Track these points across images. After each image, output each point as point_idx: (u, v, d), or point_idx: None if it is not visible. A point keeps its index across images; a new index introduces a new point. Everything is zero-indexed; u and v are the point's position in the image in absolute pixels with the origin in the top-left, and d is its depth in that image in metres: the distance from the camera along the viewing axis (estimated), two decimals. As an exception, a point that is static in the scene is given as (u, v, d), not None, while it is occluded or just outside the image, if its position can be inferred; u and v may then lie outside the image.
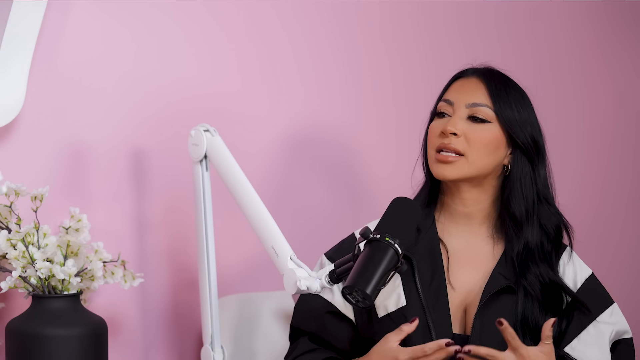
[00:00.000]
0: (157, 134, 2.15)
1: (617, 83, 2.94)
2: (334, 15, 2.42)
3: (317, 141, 2.40)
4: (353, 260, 1.61)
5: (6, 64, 1.91)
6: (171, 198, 2.16)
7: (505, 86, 1.82)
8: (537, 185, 1.81)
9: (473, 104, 1.79)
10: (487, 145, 1.78)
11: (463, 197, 1.83)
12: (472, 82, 1.82)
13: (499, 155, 1.80)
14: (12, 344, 1.81)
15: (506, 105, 1.79)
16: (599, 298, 1.83)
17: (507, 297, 1.77)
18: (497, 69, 1.87)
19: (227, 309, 2.10)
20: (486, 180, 1.82)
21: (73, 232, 1.85)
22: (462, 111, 1.80)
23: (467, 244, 1.84)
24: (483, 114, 1.79)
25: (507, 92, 1.81)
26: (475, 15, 2.66)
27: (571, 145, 2.85)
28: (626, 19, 2.96)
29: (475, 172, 1.79)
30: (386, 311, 1.79)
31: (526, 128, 1.80)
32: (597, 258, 2.12)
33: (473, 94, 1.80)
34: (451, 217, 1.85)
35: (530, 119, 1.81)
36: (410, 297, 1.78)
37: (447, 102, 1.82)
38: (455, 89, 1.83)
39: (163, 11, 2.16)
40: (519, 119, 1.80)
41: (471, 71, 1.85)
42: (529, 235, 1.80)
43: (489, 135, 1.78)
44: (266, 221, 1.75)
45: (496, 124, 1.79)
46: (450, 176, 1.79)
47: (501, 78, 1.83)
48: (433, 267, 1.80)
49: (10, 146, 1.98)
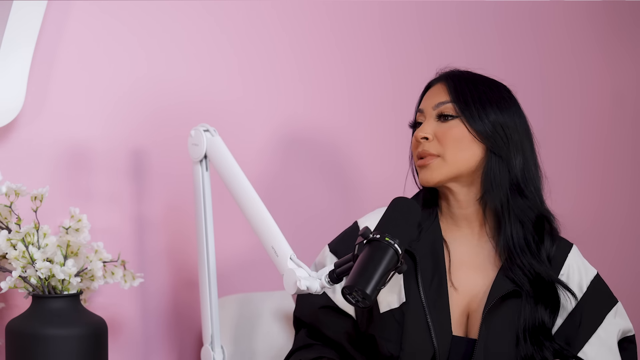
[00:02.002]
0: (157, 134, 2.15)
1: (617, 83, 2.94)
2: (334, 15, 2.42)
3: (317, 141, 2.40)
4: (353, 260, 1.61)
5: (6, 64, 1.91)
6: (171, 198, 2.16)
7: (467, 81, 1.83)
8: (511, 176, 1.80)
9: (438, 104, 1.82)
10: (459, 141, 1.79)
11: (457, 199, 1.83)
12: (437, 87, 1.85)
13: (476, 149, 1.80)
14: (12, 344, 1.81)
15: (466, 98, 1.80)
16: (605, 298, 1.83)
17: (513, 301, 1.77)
18: (461, 69, 1.87)
19: (227, 309, 2.10)
20: (474, 177, 1.82)
21: (73, 232, 1.85)
22: (431, 114, 1.83)
23: (469, 247, 1.83)
24: (448, 110, 1.81)
25: (468, 86, 1.82)
26: (475, 15, 2.66)
27: (570, 144, 2.85)
28: (626, 19, 2.96)
29: (456, 170, 1.80)
30: (388, 307, 1.80)
31: (488, 117, 1.79)
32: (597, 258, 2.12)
33: (437, 95, 1.83)
34: (453, 221, 1.86)
35: (498, 107, 1.80)
36: (410, 294, 1.79)
37: (420, 112, 1.86)
38: (425, 98, 1.87)
39: (163, 11, 2.16)
40: (481, 109, 1.79)
41: (437, 78, 1.88)
42: (508, 230, 1.79)
43: (458, 131, 1.79)
44: (266, 221, 1.75)
45: (461, 118, 1.80)
46: (432, 180, 1.80)
47: (462, 76, 1.85)
48: (435, 265, 1.80)
49: (10, 146, 1.98)
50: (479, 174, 1.82)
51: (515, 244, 1.79)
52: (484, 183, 1.81)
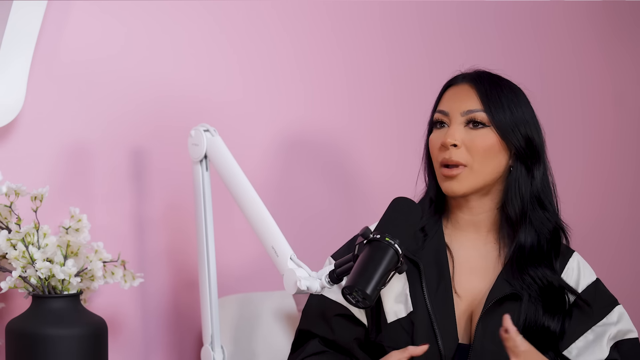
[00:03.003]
0: (157, 134, 2.14)
1: (617, 83, 2.94)
2: (335, 15, 2.42)
3: (318, 141, 2.40)
4: (353, 260, 1.61)
5: (6, 64, 1.91)
6: (171, 198, 2.16)
7: (497, 87, 1.80)
8: (532, 188, 1.80)
9: (468, 111, 1.78)
10: (488, 151, 1.77)
11: (471, 206, 1.82)
12: (463, 89, 1.81)
13: (502, 158, 1.79)
14: (12, 344, 1.81)
15: (498, 108, 1.78)
16: (599, 305, 1.81)
17: (511, 303, 1.76)
18: (486, 71, 1.85)
19: (227, 309, 2.10)
20: (494, 186, 1.81)
21: (73, 232, 1.85)
22: (458, 119, 1.78)
23: (474, 252, 1.83)
24: (480, 118, 1.78)
25: (499, 94, 1.79)
26: (476, 16, 2.66)
27: (571, 145, 2.85)
28: (626, 19, 2.96)
29: (482, 181, 1.78)
30: (395, 317, 1.79)
31: (519, 129, 1.78)
32: (598, 258, 2.12)
33: (466, 101, 1.79)
34: (458, 225, 1.84)
35: (524, 117, 1.80)
36: (416, 303, 1.78)
37: (443, 113, 1.81)
38: (448, 98, 1.82)
39: (163, 11, 2.16)
40: (512, 120, 1.78)
41: (461, 77, 1.84)
42: (522, 238, 1.79)
43: (488, 141, 1.77)
44: (266, 221, 1.74)
45: (492, 127, 1.78)
46: (459, 192, 1.78)
47: (491, 80, 1.82)
48: (439, 273, 1.80)
49: (10, 146, 1.98)
50: (501, 182, 1.81)
51: (528, 252, 1.79)
52: (507, 192, 1.80)
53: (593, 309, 1.79)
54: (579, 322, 1.79)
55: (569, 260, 1.83)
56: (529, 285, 1.77)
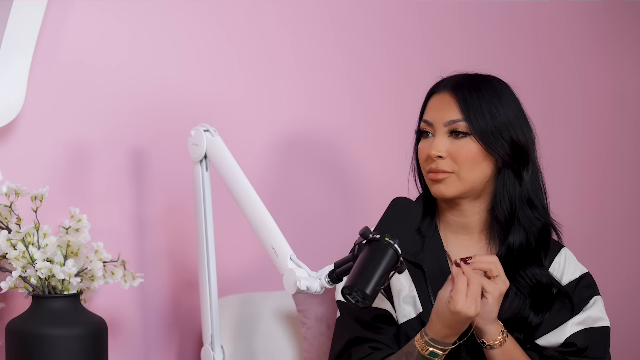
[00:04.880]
0: (157, 134, 2.15)
1: (617, 83, 2.94)
2: (335, 15, 2.42)
3: (318, 141, 2.40)
4: (353, 260, 1.61)
5: (6, 64, 1.91)
6: (171, 198, 2.16)
7: (477, 92, 1.80)
8: (522, 189, 1.81)
9: (450, 122, 1.79)
10: (473, 160, 1.79)
11: (462, 209, 1.85)
12: (445, 99, 1.82)
13: (488, 164, 1.81)
14: (12, 344, 1.81)
15: (478, 116, 1.78)
16: (579, 299, 1.82)
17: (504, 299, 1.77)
18: (468, 74, 1.85)
19: (227, 309, 2.10)
20: (484, 190, 1.83)
21: (73, 232, 1.85)
22: (441, 130, 1.80)
23: (467, 252, 1.84)
24: (462, 128, 1.79)
25: (479, 99, 1.79)
26: (477, 15, 2.66)
27: (570, 145, 2.85)
28: (626, 19, 2.96)
29: (470, 187, 1.80)
30: (405, 318, 1.81)
31: (502, 134, 1.78)
32: (597, 258, 2.12)
33: (447, 110, 1.80)
34: (450, 227, 1.87)
35: (507, 119, 1.80)
36: (425, 303, 1.80)
37: (427, 123, 1.83)
38: (432, 107, 1.84)
39: (163, 11, 2.16)
40: (493, 127, 1.78)
41: (442, 85, 1.85)
42: (511, 239, 1.80)
43: (472, 150, 1.79)
44: (266, 221, 1.74)
45: (474, 136, 1.79)
46: (448, 194, 1.80)
47: (471, 85, 1.81)
48: (441, 273, 1.82)
49: (10, 146, 1.98)
50: (489, 185, 1.82)
51: (517, 252, 1.80)
52: (495, 195, 1.82)
53: (573, 302, 1.81)
54: (557, 314, 1.80)
55: (557, 255, 1.86)
56: (520, 285, 1.79)
